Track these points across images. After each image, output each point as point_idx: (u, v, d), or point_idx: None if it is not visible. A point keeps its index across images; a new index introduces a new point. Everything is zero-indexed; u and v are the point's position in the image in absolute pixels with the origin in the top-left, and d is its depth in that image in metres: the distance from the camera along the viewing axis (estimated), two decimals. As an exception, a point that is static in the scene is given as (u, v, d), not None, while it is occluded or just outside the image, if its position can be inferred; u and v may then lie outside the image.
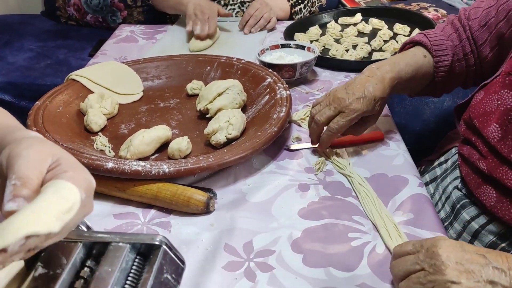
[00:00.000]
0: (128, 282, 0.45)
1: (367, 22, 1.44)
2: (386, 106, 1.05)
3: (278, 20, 1.52)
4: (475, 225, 0.79)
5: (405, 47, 0.96)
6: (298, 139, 0.93)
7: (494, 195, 0.75)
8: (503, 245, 0.75)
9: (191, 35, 1.39)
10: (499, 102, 0.76)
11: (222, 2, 1.59)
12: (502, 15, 0.83)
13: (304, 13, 1.60)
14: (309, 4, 1.62)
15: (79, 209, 0.41)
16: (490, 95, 0.78)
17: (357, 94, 0.82)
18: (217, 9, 1.42)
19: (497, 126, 0.75)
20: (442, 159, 0.97)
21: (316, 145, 0.88)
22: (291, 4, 1.57)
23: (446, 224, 0.85)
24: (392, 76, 0.85)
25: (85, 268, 0.46)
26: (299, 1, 1.58)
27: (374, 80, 0.84)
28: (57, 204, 0.40)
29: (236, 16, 1.61)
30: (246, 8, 1.61)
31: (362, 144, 0.91)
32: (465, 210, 0.81)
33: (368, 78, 0.85)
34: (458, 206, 0.82)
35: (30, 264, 0.46)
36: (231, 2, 1.59)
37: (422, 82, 0.91)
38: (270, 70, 1.07)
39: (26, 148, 0.43)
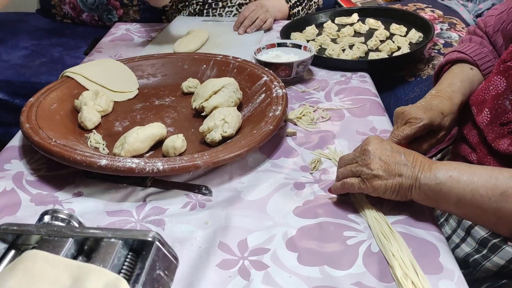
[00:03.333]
0: (120, 278, 0.44)
1: (363, 22, 1.44)
2: (382, 105, 1.05)
3: (275, 20, 1.51)
4: (468, 221, 0.79)
5: (443, 69, 0.94)
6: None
7: None
8: (494, 241, 0.75)
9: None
10: (491, 88, 0.78)
11: (220, 4, 1.58)
12: (511, 17, 0.85)
13: (301, 15, 1.59)
14: (306, 7, 1.61)
15: None
16: (489, 82, 0.79)
17: (423, 107, 0.81)
18: None
19: (487, 110, 0.77)
20: (439, 156, 0.98)
21: None
22: (290, 6, 1.56)
23: (442, 220, 0.85)
24: (457, 95, 0.84)
25: (77, 264, 0.45)
26: (298, 3, 1.57)
27: (439, 98, 0.83)
28: None
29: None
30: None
31: None
32: None
33: (433, 97, 0.83)
34: None
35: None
36: (229, 4, 1.58)
37: None
38: (266, 68, 1.07)
39: None
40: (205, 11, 1.60)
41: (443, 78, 0.90)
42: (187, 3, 1.63)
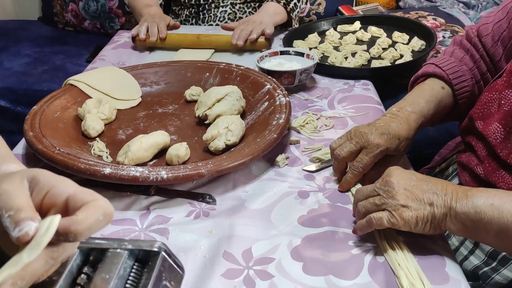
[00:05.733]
0: (126, 289, 0.44)
1: (366, 30, 1.44)
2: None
3: (278, 25, 1.46)
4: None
5: (417, 80, 0.91)
6: (318, 160, 0.88)
7: None
8: (504, 253, 0.74)
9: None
10: (502, 101, 0.75)
11: (213, 5, 1.59)
12: None
13: (300, 7, 1.53)
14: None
15: (64, 223, 0.39)
16: (491, 94, 0.77)
17: (380, 130, 0.77)
18: (169, 19, 1.45)
19: (500, 126, 0.74)
20: (443, 165, 0.97)
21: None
22: (284, 3, 1.48)
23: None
24: (416, 118, 0.81)
25: (82, 275, 0.44)
26: None
27: (398, 120, 0.80)
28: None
29: (229, 18, 1.60)
30: (237, 9, 1.60)
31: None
32: None
33: (392, 119, 0.80)
34: None
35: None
36: (221, 4, 1.59)
37: (443, 114, 0.88)
38: (269, 76, 1.07)
39: (1, 185, 0.41)
40: (200, 13, 1.61)
41: (411, 92, 0.88)
42: (182, 7, 1.65)
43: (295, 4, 1.50)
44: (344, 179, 0.79)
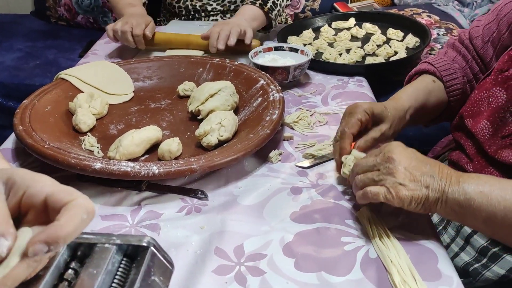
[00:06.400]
0: (114, 284, 0.43)
1: (360, 27, 1.44)
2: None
3: (258, 31, 1.38)
4: (467, 229, 0.79)
5: (411, 78, 0.94)
6: (312, 156, 0.88)
7: None
8: (494, 249, 0.75)
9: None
10: (490, 99, 0.76)
11: (203, 14, 1.57)
12: (504, 28, 0.83)
13: (281, 5, 1.39)
14: (282, 9, 1.41)
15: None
16: (481, 92, 0.78)
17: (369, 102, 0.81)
18: (150, 21, 1.30)
19: (488, 123, 0.76)
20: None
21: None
22: (260, 3, 1.35)
23: (440, 228, 0.84)
24: (404, 98, 0.84)
25: (69, 270, 0.44)
26: (273, 6, 1.36)
27: (388, 101, 0.83)
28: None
29: None
30: (228, 18, 1.55)
31: None
32: None
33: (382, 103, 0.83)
34: None
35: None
36: (212, 13, 1.57)
37: (435, 109, 0.89)
38: (263, 72, 1.06)
39: None
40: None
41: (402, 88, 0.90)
42: (172, 13, 1.62)
43: (273, 2, 1.36)
44: (334, 150, 0.80)
